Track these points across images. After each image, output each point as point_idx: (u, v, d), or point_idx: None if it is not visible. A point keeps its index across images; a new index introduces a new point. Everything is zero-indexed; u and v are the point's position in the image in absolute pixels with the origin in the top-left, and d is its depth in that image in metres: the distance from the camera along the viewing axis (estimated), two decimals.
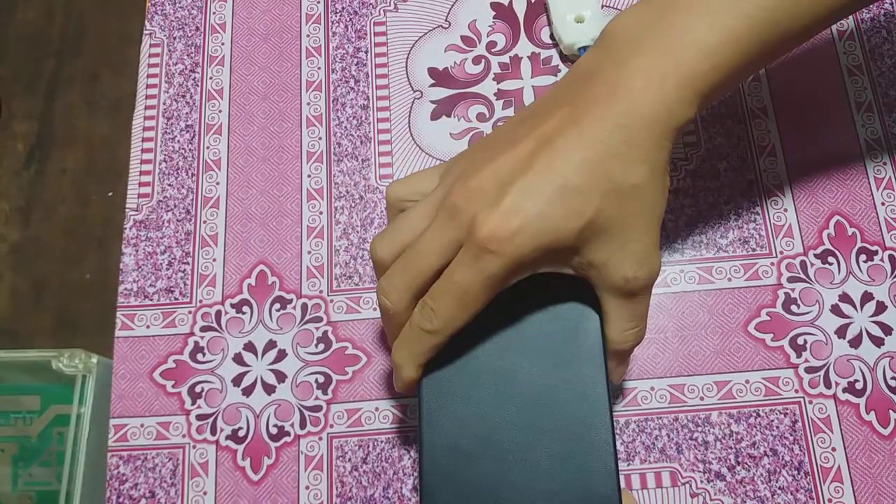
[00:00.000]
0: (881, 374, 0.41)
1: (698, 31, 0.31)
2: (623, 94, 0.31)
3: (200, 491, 0.41)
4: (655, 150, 0.31)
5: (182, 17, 0.51)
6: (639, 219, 0.31)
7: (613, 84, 0.31)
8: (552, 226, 0.30)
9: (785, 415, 0.40)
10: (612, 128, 0.31)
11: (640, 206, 0.31)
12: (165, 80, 0.50)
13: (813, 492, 0.39)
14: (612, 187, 0.31)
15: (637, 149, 0.31)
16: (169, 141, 0.48)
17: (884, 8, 0.49)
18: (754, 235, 0.44)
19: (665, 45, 0.31)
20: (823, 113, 0.46)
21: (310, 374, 0.43)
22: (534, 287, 0.33)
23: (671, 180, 0.45)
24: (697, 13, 0.31)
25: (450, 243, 0.31)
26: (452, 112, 0.48)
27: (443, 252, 0.32)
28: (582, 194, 0.30)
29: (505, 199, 0.30)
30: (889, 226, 0.44)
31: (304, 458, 0.41)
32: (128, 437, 0.42)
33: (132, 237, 0.46)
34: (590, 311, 0.34)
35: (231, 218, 0.46)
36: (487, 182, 0.31)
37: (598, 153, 0.31)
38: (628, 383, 0.41)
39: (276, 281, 0.45)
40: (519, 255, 0.30)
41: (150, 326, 0.44)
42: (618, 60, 0.32)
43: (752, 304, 0.42)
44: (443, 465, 0.33)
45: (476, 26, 0.50)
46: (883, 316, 0.42)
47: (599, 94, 0.31)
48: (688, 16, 0.31)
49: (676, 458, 0.40)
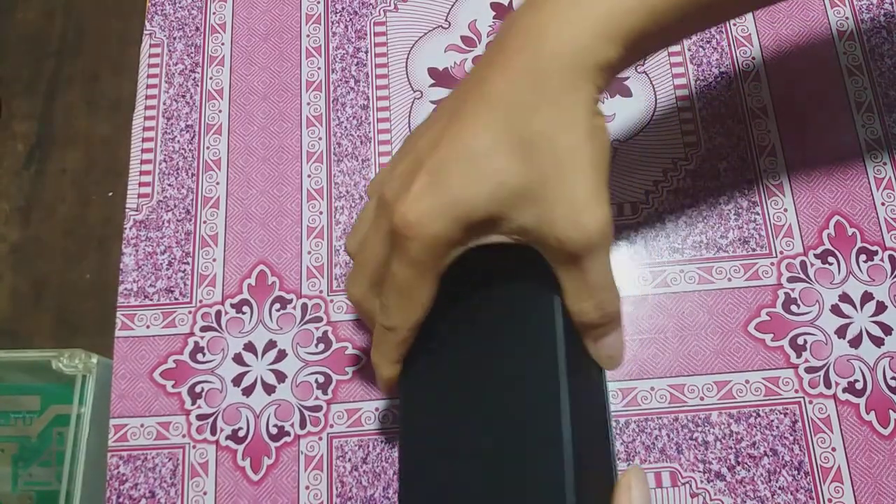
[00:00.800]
0: (881, 374, 0.41)
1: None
2: (533, 40, 0.28)
3: (200, 491, 0.41)
4: (569, 91, 0.28)
5: (182, 17, 0.51)
6: (560, 170, 0.28)
7: (525, 31, 0.29)
8: (462, 197, 0.28)
9: (785, 415, 0.40)
10: (517, 77, 0.28)
11: (556, 156, 0.28)
12: (165, 80, 0.50)
13: (813, 492, 0.39)
14: (520, 141, 0.28)
15: (545, 94, 0.28)
16: (169, 141, 0.48)
17: (884, 8, 0.49)
18: (754, 235, 0.44)
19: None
20: (823, 113, 0.46)
21: (310, 374, 0.43)
22: (506, 270, 0.32)
23: (670, 179, 0.45)
24: None
25: (385, 235, 0.31)
26: None
27: (383, 245, 0.31)
28: (489, 156, 0.28)
29: (415, 181, 0.29)
30: (889, 226, 0.44)
31: (304, 458, 0.41)
32: (128, 437, 0.42)
33: (132, 237, 0.46)
34: (548, 288, 0.31)
35: (231, 218, 0.46)
36: (407, 168, 0.30)
37: (502, 108, 0.28)
38: (628, 383, 0.41)
39: (276, 281, 0.45)
40: (434, 235, 0.29)
41: (150, 326, 0.44)
42: (535, 6, 0.29)
43: (752, 304, 0.42)
44: (419, 465, 0.32)
45: (476, 26, 0.50)
46: (883, 316, 0.42)
47: (510, 46, 0.29)
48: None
49: (676, 458, 0.40)
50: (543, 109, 0.28)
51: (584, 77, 0.28)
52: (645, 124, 0.47)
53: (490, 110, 0.28)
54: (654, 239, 0.44)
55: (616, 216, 0.45)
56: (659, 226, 0.44)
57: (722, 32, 0.48)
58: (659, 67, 0.48)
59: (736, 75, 0.48)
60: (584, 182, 0.28)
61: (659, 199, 0.45)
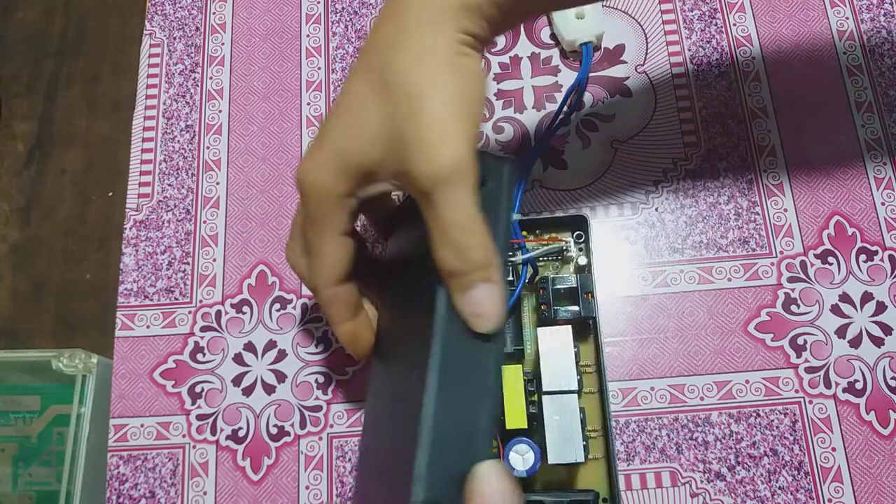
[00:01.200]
0: (881, 374, 0.41)
1: None
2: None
3: (200, 491, 0.41)
4: (426, 29, 0.28)
5: (182, 17, 0.51)
6: (412, 106, 0.27)
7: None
8: (341, 146, 0.29)
9: (785, 415, 0.40)
10: (385, 22, 0.29)
11: (408, 93, 0.27)
12: (165, 80, 0.50)
13: (813, 492, 0.39)
14: (383, 83, 0.28)
15: (405, 34, 0.28)
16: (169, 141, 0.48)
17: (884, 8, 0.49)
18: (754, 235, 0.44)
19: None
20: (823, 113, 0.46)
21: (310, 374, 0.43)
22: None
23: (670, 179, 0.45)
24: None
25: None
26: None
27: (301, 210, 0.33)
28: (362, 102, 0.28)
29: (311, 144, 0.31)
30: (889, 226, 0.44)
31: (304, 458, 0.41)
32: (128, 437, 0.42)
33: (132, 237, 0.46)
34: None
35: (231, 218, 0.46)
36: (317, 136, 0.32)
37: (372, 55, 0.29)
38: (628, 383, 0.41)
39: (276, 281, 0.45)
40: (319, 188, 0.30)
41: (150, 326, 0.44)
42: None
43: (752, 304, 0.42)
44: (363, 436, 0.34)
45: None
46: (883, 316, 0.42)
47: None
48: None
49: (676, 458, 0.40)
50: (402, 49, 0.28)
51: (445, 16, 0.28)
52: (645, 124, 0.47)
53: (362, 58, 0.29)
54: (654, 239, 0.44)
55: (616, 216, 0.45)
56: (659, 226, 0.44)
57: (722, 32, 0.49)
58: (659, 67, 0.48)
59: (736, 75, 0.48)
60: (437, 117, 0.27)
61: (659, 199, 0.45)
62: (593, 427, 0.39)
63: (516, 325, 0.41)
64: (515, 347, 0.40)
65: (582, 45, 0.47)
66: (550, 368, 0.37)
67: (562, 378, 0.37)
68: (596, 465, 0.39)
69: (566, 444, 0.35)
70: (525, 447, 0.36)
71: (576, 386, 0.36)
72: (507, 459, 0.36)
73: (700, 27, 0.49)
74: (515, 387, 0.37)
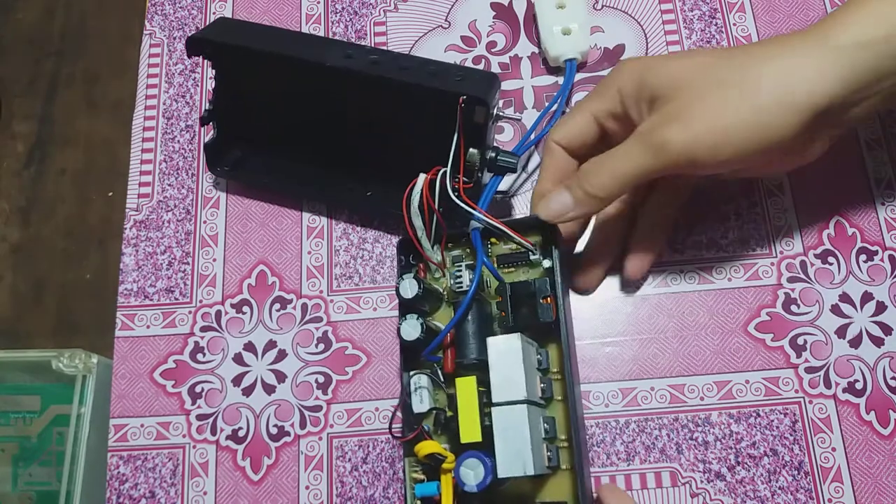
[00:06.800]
0: (881, 374, 0.41)
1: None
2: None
3: (200, 491, 0.41)
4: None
5: (182, 17, 0.51)
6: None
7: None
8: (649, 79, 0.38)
9: (785, 415, 0.40)
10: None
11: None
12: (165, 80, 0.50)
13: (813, 492, 0.39)
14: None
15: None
16: (169, 141, 0.48)
17: None
18: (754, 235, 0.44)
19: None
20: None
21: (310, 374, 0.43)
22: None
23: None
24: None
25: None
26: None
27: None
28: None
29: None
30: (889, 226, 0.44)
31: (304, 458, 0.41)
32: (128, 437, 0.42)
33: (132, 237, 0.46)
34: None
35: (231, 218, 0.46)
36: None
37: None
38: (628, 383, 0.41)
39: (276, 281, 0.45)
40: (621, 83, 0.38)
41: (150, 326, 0.44)
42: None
43: (752, 304, 0.42)
44: None
45: (476, 26, 0.50)
46: (883, 316, 0.42)
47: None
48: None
49: (676, 458, 0.40)
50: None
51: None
52: None
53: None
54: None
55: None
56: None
57: (722, 32, 0.48)
58: None
59: None
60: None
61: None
62: (565, 436, 0.37)
63: (479, 335, 0.37)
64: (478, 358, 0.36)
65: (566, 61, 0.47)
66: (499, 378, 0.34)
67: (511, 388, 0.34)
68: (564, 475, 0.36)
69: (515, 457, 0.33)
70: (475, 461, 0.33)
71: (523, 395, 0.34)
72: (457, 474, 0.33)
73: (700, 27, 0.49)
74: (470, 400, 0.35)
